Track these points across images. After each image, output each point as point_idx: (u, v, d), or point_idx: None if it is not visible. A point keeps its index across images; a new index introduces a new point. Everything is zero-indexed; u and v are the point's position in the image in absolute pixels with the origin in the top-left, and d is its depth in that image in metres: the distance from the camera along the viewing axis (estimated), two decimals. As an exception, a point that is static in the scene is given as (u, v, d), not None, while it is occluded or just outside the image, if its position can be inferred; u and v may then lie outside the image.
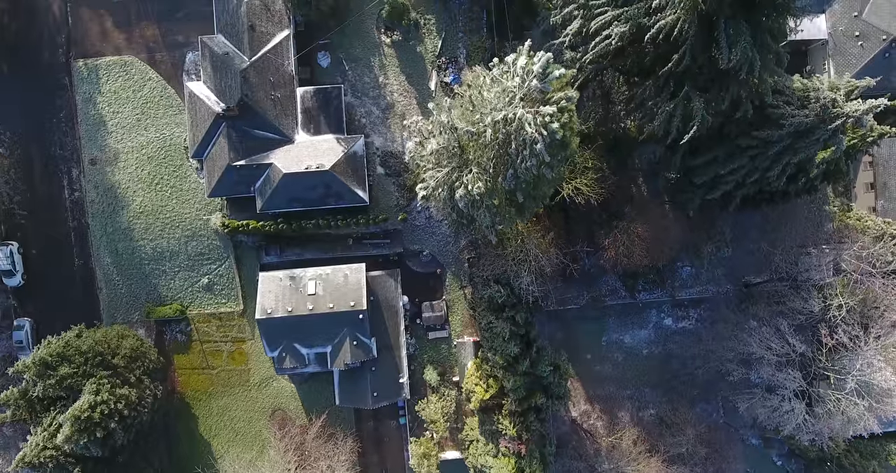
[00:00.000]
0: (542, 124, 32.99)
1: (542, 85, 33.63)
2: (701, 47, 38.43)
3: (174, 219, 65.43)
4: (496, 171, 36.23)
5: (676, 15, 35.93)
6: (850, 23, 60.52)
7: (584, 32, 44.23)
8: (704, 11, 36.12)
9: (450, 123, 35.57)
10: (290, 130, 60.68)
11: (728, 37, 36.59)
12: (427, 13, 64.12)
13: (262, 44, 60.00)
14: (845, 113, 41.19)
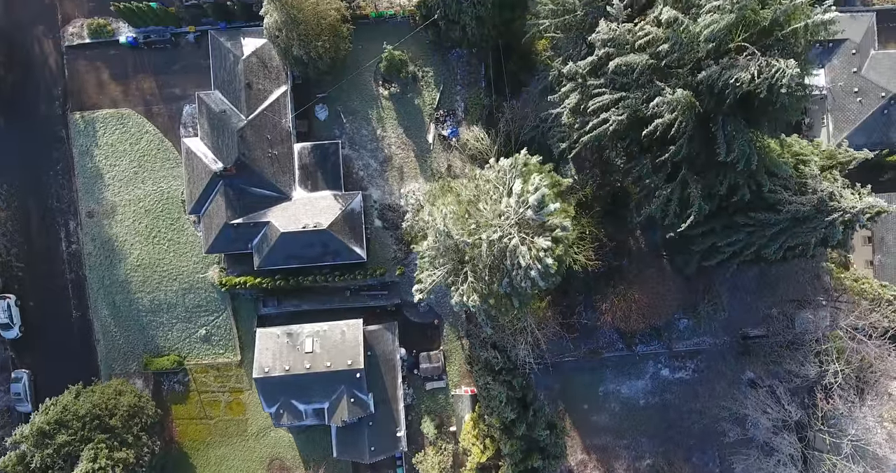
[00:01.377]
0: (536, 257, 33.08)
1: (537, 216, 33.67)
2: (699, 141, 38.45)
3: (172, 272, 65.39)
4: (491, 278, 36.30)
5: (674, 115, 35.92)
6: (849, 79, 60.53)
7: (581, 108, 44.20)
8: (703, 111, 36.15)
9: (445, 230, 35.57)
10: (287, 187, 60.64)
11: (726, 134, 36.63)
12: (425, 66, 64.03)
13: (259, 101, 59.94)
14: (842, 208, 41.24)
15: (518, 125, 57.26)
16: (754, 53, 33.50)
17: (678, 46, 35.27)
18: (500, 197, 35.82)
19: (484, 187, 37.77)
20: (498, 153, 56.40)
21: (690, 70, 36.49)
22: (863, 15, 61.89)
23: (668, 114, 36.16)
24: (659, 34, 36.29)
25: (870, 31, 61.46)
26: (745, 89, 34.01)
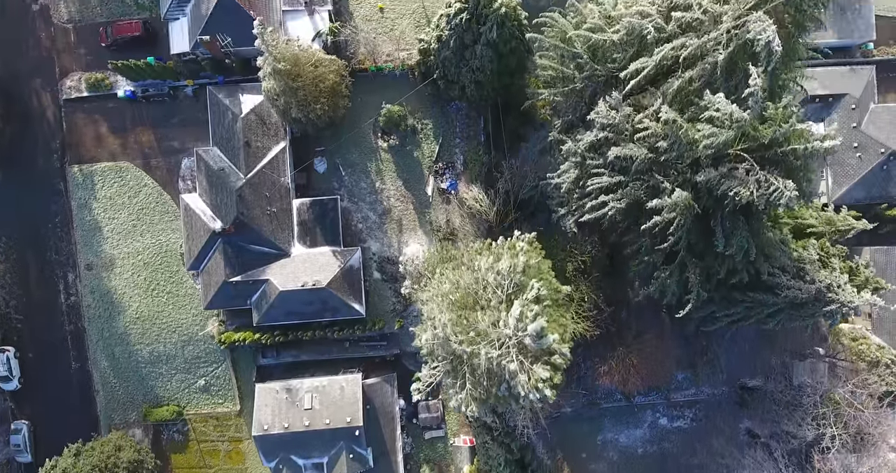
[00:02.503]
0: (534, 387, 33.16)
1: (535, 345, 33.71)
2: (697, 232, 38.47)
3: (171, 325, 65.40)
4: (490, 383, 36.34)
5: (673, 216, 35.95)
6: (848, 133, 60.38)
7: (580, 184, 44.20)
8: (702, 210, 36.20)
9: (444, 336, 35.57)
10: (286, 244, 60.61)
11: (724, 229, 36.65)
12: (424, 118, 63.89)
13: (257, 158, 59.89)
14: (840, 301, 41.29)
15: (517, 184, 57.20)
16: (753, 167, 33.51)
17: (677, 146, 35.29)
18: (499, 303, 35.87)
19: (482, 282, 37.75)
20: (497, 215, 56.33)
21: (690, 166, 36.52)
22: (862, 68, 61.77)
23: (667, 214, 36.19)
24: (657, 130, 36.31)
25: (869, 85, 61.37)
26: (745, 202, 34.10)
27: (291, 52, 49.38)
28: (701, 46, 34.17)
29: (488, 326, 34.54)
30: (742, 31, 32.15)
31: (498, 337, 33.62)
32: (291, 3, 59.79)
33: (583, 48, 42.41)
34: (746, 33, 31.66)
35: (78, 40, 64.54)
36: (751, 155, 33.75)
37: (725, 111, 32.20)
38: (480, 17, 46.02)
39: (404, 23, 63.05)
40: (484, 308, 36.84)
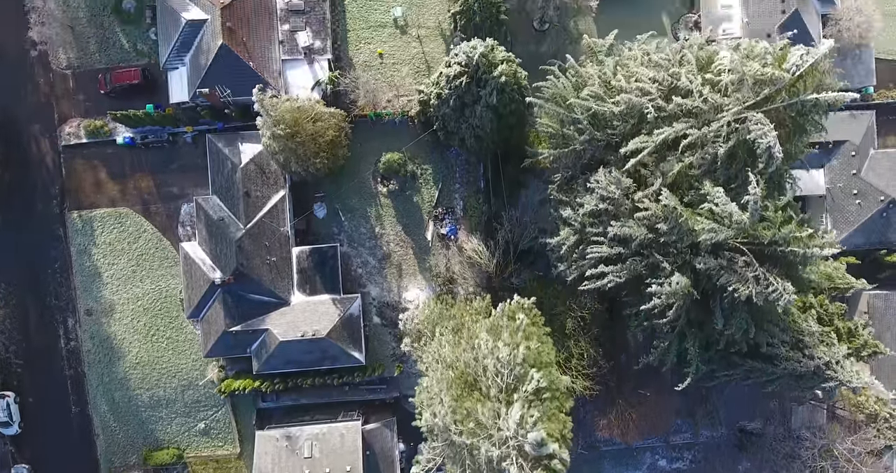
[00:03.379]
0: None
1: (535, 452, 33.69)
2: (697, 309, 38.47)
3: (170, 370, 65.38)
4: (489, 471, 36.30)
5: (672, 301, 35.94)
6: (848, 180, 60.42)
7: (579, 248, 44.19)
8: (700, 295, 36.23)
9: (443, 423, 35.53)
10: (285, 293, 60.56)
11: (724, 311, 36.67)
12: (424, 163, 63.78)
13: (257, 208, 59.83)
14: (839, 379, 41.28)
15: (517, 234, 57.18)
16: (752, 262, 33.51)
17: (676, 230, 35.28)
18: (499, 392, 35.74)
19: (482, 365, 37.67)
20: (497, 266, 56.28)
21: (690, 248, 36.51)
22: (862, 113, 61.71)
23: (667, 299, 36.21)
24: (658, 212, 36.30)
25: (870, 130, 61.37)
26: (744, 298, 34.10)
27: (291, 114, 49.23)
28: (701, 137, 34.19)
29: (488, 420, 34.54)
30: (743, 127, 32.19)
31: (499, 436, 33.63)
32: (291, 52, 59.71)
33: (582, 114, 42.40)
34: (747, 133, 31.69)
35: (77, 86, 64.43)
36: (750, 248, 33.77)
37: (725, 210, 32.26)
38: (480, 81, 45.99)
39: (404, 70, 62.99)
40: (484, 395, 36.80)
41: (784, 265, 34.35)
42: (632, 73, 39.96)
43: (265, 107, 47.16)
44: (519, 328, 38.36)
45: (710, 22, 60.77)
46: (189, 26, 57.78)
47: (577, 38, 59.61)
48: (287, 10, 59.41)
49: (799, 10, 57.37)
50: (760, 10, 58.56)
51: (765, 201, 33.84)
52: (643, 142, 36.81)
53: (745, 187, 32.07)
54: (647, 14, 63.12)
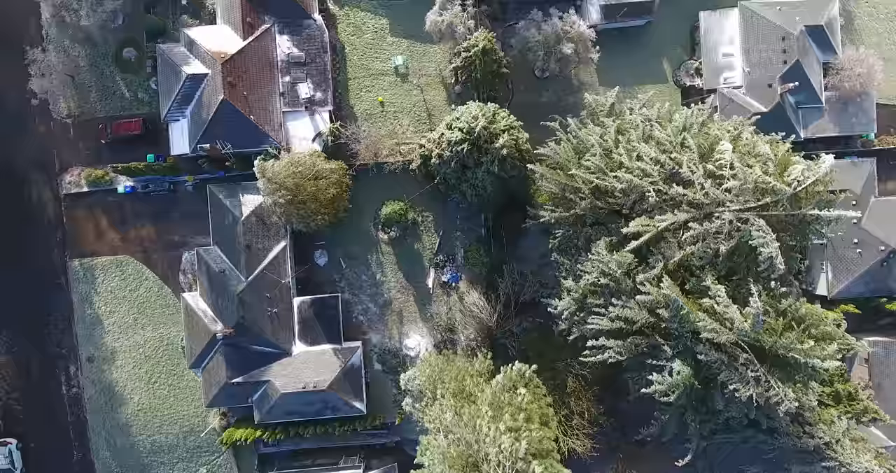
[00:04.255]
0: None
1: None
2: (698, 391, 38.37)
3: (172, 416, 65.41)
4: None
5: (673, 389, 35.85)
6: (849, 229, 59.86)
7: (579, 316, 44.13)
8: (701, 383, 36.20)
9: None
10: (287, 343, 60.54)
11: (723, 396, 36.58)
12: (425, 211, 63.60)
13: (258, 260, 59.75)
14: (839, 460, 41.10)
15: (518, 287, 57.14)
16: (753, 361, 33.44)
17: (677, 319, 35.24)
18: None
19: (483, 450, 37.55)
20: (498, 319, 56.24)
21: (692, 334, 36.44)
22: (863, 161, 61.52)
23: (668, 387, 36.12)
24: (659, 298, 36.26)
25: (870, 178, 61.11)
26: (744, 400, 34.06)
27: (292, 178, 49.23)
28: (703, 232, 34.13)
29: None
30: (745, 228, 32.13)
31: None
32: (292, 104, 59.66)
33: (584, 184, 42.34)
34: (749, 237, 31.65)
35: (77, 135, 64.47)
36: (751, 347, 33.69)
37: (727, 312, 32.20)
38: (482, 149, 45.95)
39: (405, 120, 62.82)
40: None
41: (785, 369, 34.16)
42: (633, 147, 39.87)
43: (266, 176, 47.06)
44: (521, 407, 38.30)
45: (710, 70, 60.62)
46: (190, 80, 57.73)
47: (578, 88, 59.56)
48: (288, 62, 59.36)
49: (800, 61, 57.12)
50: (761, 60, 58.41)
51: (766, 306, 33.77)
52: (645, 225, 36.78)
53: (747, 281, 32.02)
54: (648, 61, 63.05)
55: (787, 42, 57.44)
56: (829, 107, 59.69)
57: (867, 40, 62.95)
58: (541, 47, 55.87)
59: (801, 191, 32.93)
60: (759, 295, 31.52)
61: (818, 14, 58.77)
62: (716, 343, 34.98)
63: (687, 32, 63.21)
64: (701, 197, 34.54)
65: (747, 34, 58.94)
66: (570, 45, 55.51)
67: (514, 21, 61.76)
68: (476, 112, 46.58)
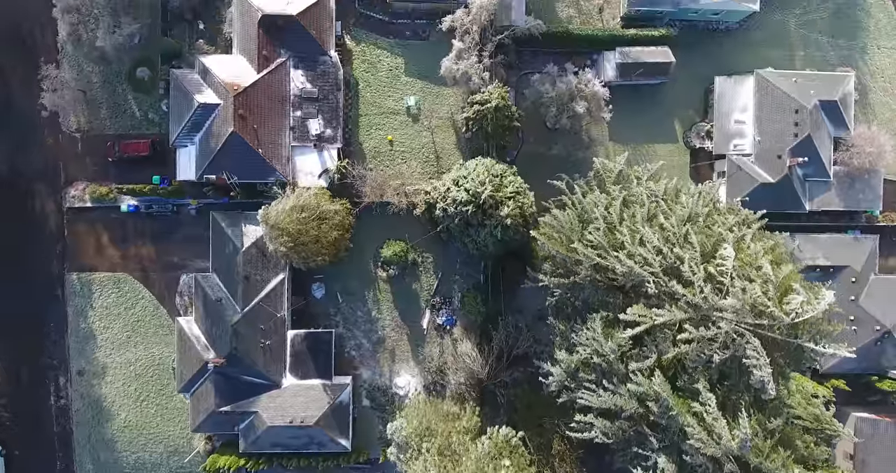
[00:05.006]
0: None
1: None
2: None
3: (158, 435, 65.68)
4: None
5: None
6: (846, 306, 60.08)
7: (570, 386, 44.31)
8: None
9: None
10: (277, 375, 60.74)
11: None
12: (425, 252, 63.68)
13: (256, 292, 59.86)
14: None
15: (512, 340, 57.34)
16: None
17: (666, 416, 35.40)
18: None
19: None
20: (489, 372, 56.48)
21: (680, 431, 36.63)
22: (866, 237, 61.60)
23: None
24: (650, 392, 36.43)
25: (872, 256, 61.26)
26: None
27: (294, 225, 49.33)
28: (699, 337, 34.30)
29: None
30: (740, 342, 32.29)
31: None
32: (301, 139, 59.61)
33: (584, 257, 42.46)
34: (744, 355, 31.80)
35: (85, 150, 64.38)
36: (737, 459, 33.93)
37: (715, 426, 32.35)
38: (486, 213, 45.99)
39: (413, 162, 62.75)
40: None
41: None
42: (637, 229, 39.96)
43: (269, 223, 47.15)
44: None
45: (721, 135, 60.60)
46: (201, 109, 57.66)
47: (588, 144, 59.56)
48: (300, 97, 59.28)
49: (811, 136, 57.11)
50: (773, 131, 58.42)
51: (755, 425, 33.94)
52: (642, 316, 36.94)
53: (738, 387, 32.24)
54: (660, 120, 63.05)
55: (800, 115, 57.43)
56: (837, 181, 59.77)
57: (880, 115, 62.98)
58: (553, 103, 55.87)
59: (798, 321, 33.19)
60: (749, 411, 31.69)
61: (833, 89, 58.75)
62: (702, 449, 35.33)
63: (701, 94, 63.23)
64: (699, 300, 34.74)
65: (761, 103, 58.93)
66: (583, 104, 55.50)
67: (529, 70, 61.79)
68: (483, 177, 46.65)
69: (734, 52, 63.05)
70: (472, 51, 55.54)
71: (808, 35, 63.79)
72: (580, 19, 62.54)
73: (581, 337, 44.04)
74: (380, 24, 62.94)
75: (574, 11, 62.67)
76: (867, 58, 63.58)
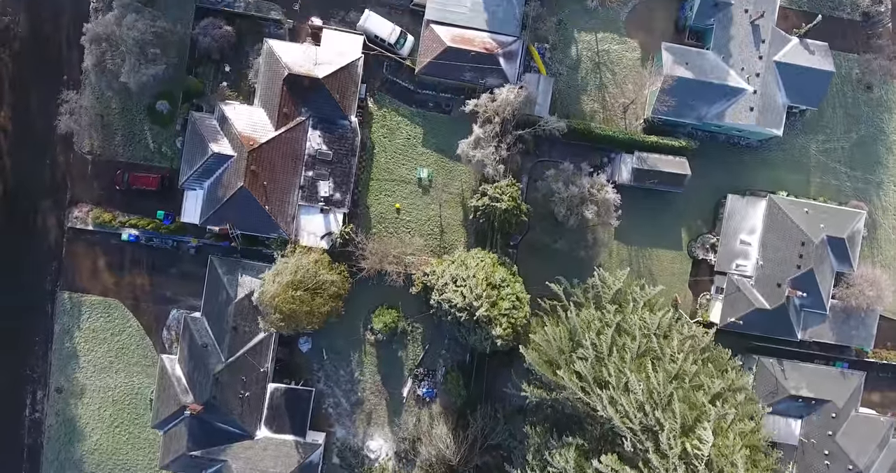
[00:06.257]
0: None
1: None
2: None
3: (126, 463, 66.27)
4: None
5: None
6: (823, 440, 60.54)
7: None
8: None
9: None
10: (252, 426, 61.15)
11: None
12: (416, 322, 63.78)
13: (242, 343, 60.15)
14: None
15: (488, 429, 57.70)
16: None
17: None
18: None
19: None
20: (461, 459, 56.92)
21: None
22: (853, 373, 61.68)
23: None
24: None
25: (856, 393, 61.29)
26: None
27: (288, 305, 49.55)
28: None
29: None
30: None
31: None
32: (309, 199, 59.54)
33: (569, 383, 42.70)
34: None
35: (94, 173, 64.30)
36: None
37: None
38: (479, 324, 46.10)
39: (417, 237, 62.55)
40: None
41: None
42: (623, 371, 40.12)
43: (263, 303, 47.36)
44: None
45: (725, 253, 60.58)
46: (214, 158, 57.65)
47: (592, 243, 59.53)
48: (315, 158, 59.20)
49: (814, 270, 57.10)
50: (777, 258, 58.41)
51: None
52: (614, 470, 37.18)
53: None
54: (667, 227, 62.98)
55: (806, 248, 57.41)
56: (832, 315, 59.87)
57: (886, 252, 63.02)
58: (564, 204, 55.79)
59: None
60: None
61: (843, 226, 58.69)
62: None
63: (712, 206, 63.12)
64: (674, 474, 35.12)
65: (769, 229, 58.92)
66: (593, 208, 55.44)
67: (545, 158, 61.69)
68: (481, 289, 46.66)
69: (752, 168, 62.92)
70: (491, 141, 55.34)
71: (827, 163, 63.65)
72: (604, 115, 62.32)
73: (553, 459, 44.40)
74: (404, 91, 62.64)
75: (599, 106, 62.44)
76: (882, 193, 63.49)
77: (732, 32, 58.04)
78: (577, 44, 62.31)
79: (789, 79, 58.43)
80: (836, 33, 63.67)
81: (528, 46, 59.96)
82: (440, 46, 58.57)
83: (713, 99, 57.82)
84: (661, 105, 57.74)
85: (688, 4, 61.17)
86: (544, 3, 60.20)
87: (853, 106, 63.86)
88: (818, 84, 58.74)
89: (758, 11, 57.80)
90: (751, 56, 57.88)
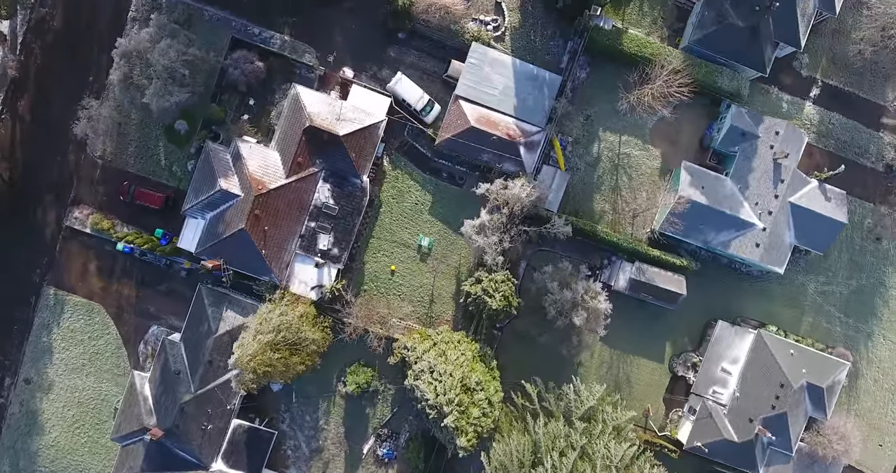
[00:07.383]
0: None
1: None
2: None
3: (80, 464, 66.95)
4: None
5: None
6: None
7: None
8: None
9: None
10: (208, 458, 61.62)
11: None
12: (389, 383, 63.90)
13: (214, 376, 60.44)
14: None
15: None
16: None
17: None
18: None
19: None
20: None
21: None
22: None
23: None
24: None
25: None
26: None
27: (264, 368, 49.88)
28: None
29: None
30: None
31: None
32: (306, 249, 59.45)
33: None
34: None
35: (101, 178, 64.23)
36: None
37: None
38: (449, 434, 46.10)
39: (406, 303, 62.66)
40: None
41: None
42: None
43: (240, 366, 47.70)
44: None
45: (704, 377, 60.56)
46: (220, 193, 57.53)
47: (576, 344, 59.37)
48: (320, 210, 58.99)
49: (787, 414, 57.11)
50: (754, 394, 58.42)
51: None
52: None
53: None
54: (653, 339, 63.01)
55: (784, 390, 57.43)
56: (798, 458, 60.02)
57: (863, 403, 63.03)
58: (555, 306, 55.68)
59: None
60: None
61: (825, 375, 58.63)
62: None
63: (700, 326, 63.06)
64: None
65: (752, 363, 58.91)
66: (583, 315, 55.36)
67: (547, 248, 61.48)
68: (454, 393, 46.77)
69: (748, 296, 62.78)
70: (496, 231, 55.10)
71: (822, 305, 63.46)
72: (613, 217, 62.02)
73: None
74: (421, 157, 62.29)
75: (609, 208, 62.14)
76: (870, 344, 63.38)
77: (754, 164, 57.58)
78: (600, 142, 61.87)
79: (801, 221, 58.12)
80: (857, 180, 63.41)
81: (552, 139, 59.53)
82: (464, 124, 58.10)
83: (722, 227, 57.55)
84: (669, 224, 57.46)
85: (716, 126, 60.61)
86: (574, 101, 59.73)
87: (859, 254, 63.65)
88: (828, 231, 58.47)
89: (783, 151, 57.25)
90: (767, 192, 57.47)
